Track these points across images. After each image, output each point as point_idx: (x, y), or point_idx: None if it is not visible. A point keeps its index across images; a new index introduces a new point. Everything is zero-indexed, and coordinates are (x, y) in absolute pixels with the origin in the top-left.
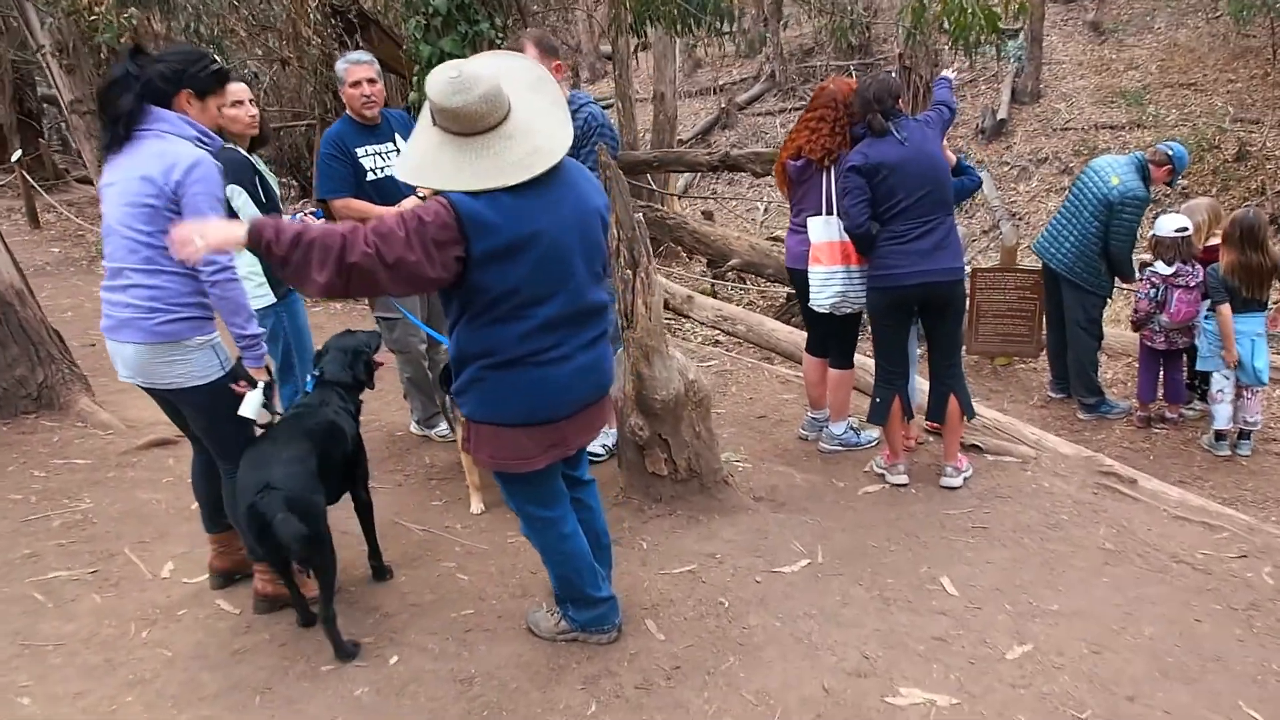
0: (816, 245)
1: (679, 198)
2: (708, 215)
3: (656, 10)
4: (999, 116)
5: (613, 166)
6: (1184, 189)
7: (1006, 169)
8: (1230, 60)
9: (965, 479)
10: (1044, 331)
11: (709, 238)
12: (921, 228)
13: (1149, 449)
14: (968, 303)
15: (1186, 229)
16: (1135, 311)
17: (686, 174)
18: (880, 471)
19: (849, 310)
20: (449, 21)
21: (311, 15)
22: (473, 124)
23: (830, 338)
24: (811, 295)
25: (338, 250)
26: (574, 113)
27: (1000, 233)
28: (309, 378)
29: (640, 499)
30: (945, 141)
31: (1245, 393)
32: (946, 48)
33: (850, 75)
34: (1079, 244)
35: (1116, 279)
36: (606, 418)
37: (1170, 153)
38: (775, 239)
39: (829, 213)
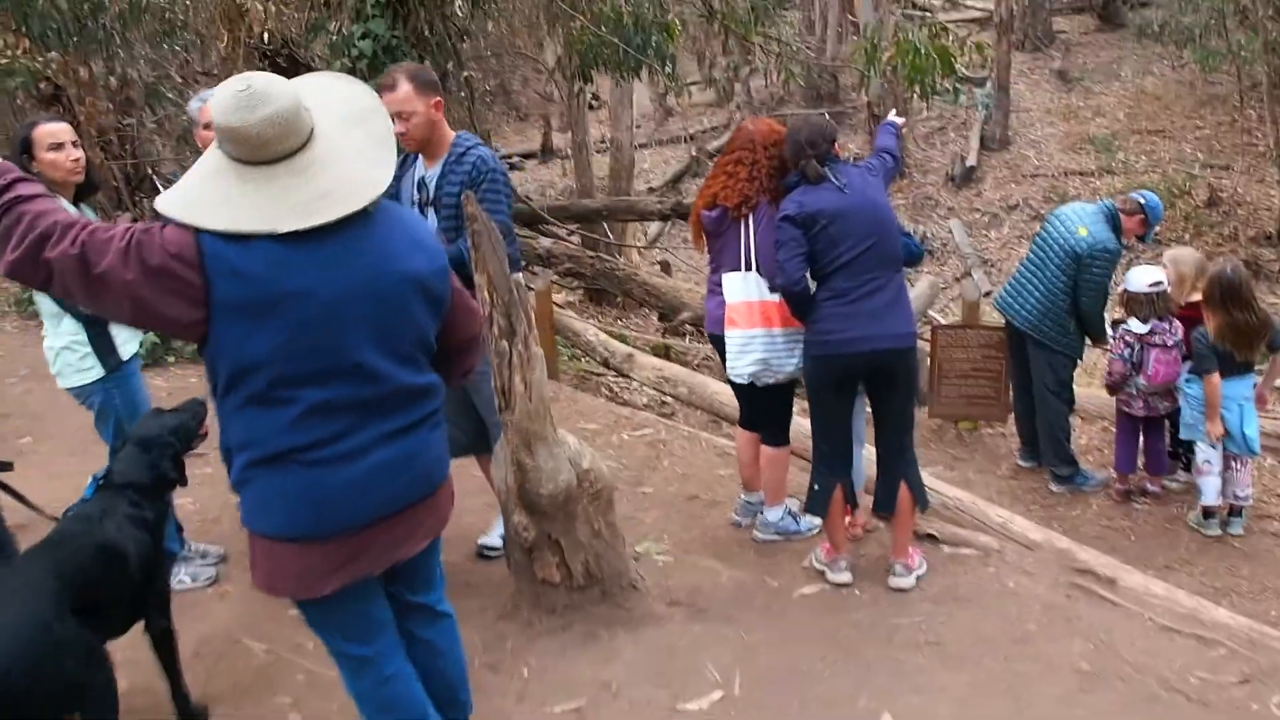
0: (733, 305)
1: (644, 249)
2: (664, 267)
3: (601, 56)
4: (968, 164)
5: (481, 219)
6: (1157, 235)
7: (977, 216)
8: (1197, 107)
9: (918, 578)
10: (1011, 393)
11: (659, 290)
12: (867, 286)
13: (1130, 528)
14: (929, 362)
15: (1161, 282)
16: (1109, 374)
17: (657, 224)
18: (820, 568)
19: (771, 381)
20: (375, 65)
21: (242, 60)
22: (254, 150)
23: (761, 411)
24: (728, 363)
25: (40, 234)
26: (461, 156)
27: (973, 280)
28: (90, 481)
29: (529, 610)
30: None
31: (1234, 463)
32: (914, 95)
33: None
34: (1045, 300)
35: (1087, 339)
36: (441, 521)
37: (1143, 201)
38: None
39: (748, 268)
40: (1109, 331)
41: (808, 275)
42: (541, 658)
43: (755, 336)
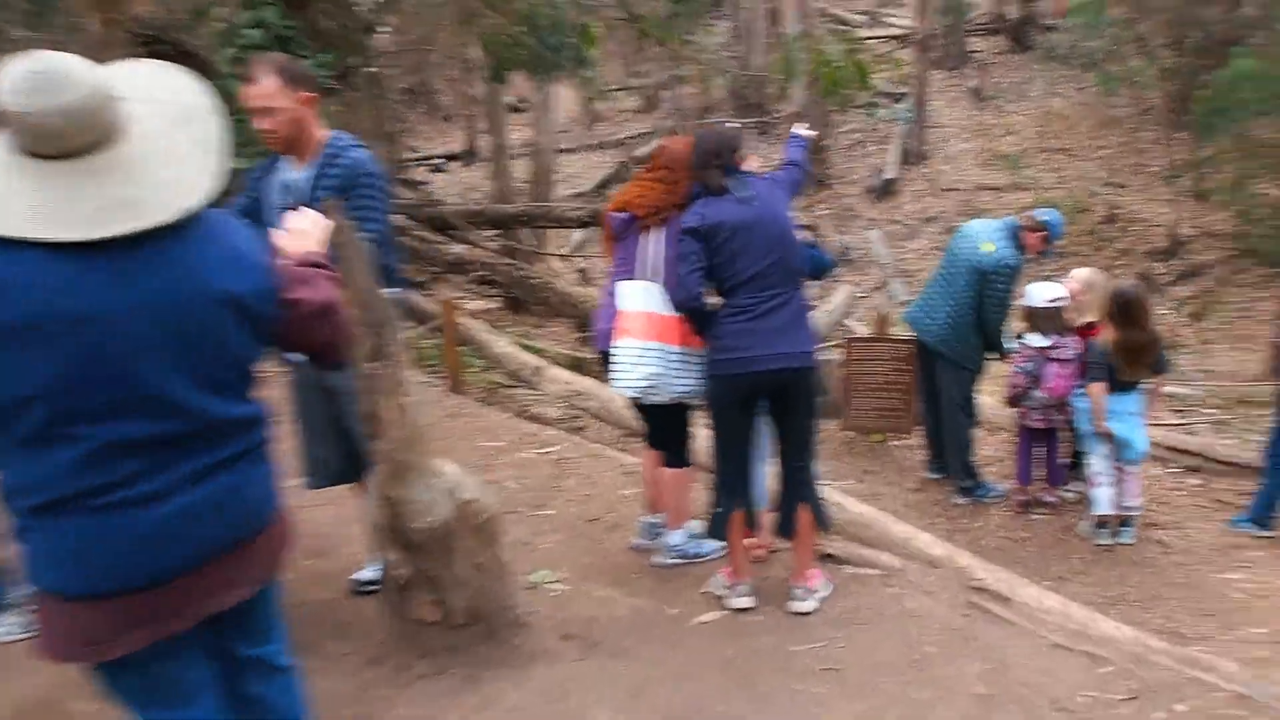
0: (628, 315)
1: (565, 257)
2: (584, 274)
3: (516, 57)
4: (888, 177)
5: (346, 230)
6: (1061, 248)
7: (896, 227)
8: (1099, 128)
9: (820, 600)
10: (919, 406)
11: (576, 299)
12: (769, 302)
13: (1029, 538)
14: (843, 374)
15: (1060, 298)
16: (1010, 387)
17: (581, 231)
18: (721, 593)
19: (659, 399)
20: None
21: (123, 46)
22: (43, 142)
23: (661, 430)
24: (616, 374)
25: None
26: (334, 159)
27: (890, 292)
28: None
29: (403, 654)
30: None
31: (1123, 474)
32: (836, 107)
33: (750, 136)
34: (953, 315)
35: (990, 352)
36: (272, 566)
37: (1044, 219)
38: None
39: (648, 279)
40: (1013, 345)
41: (705, 290)
42: (413, 707)
43: (650, 350)
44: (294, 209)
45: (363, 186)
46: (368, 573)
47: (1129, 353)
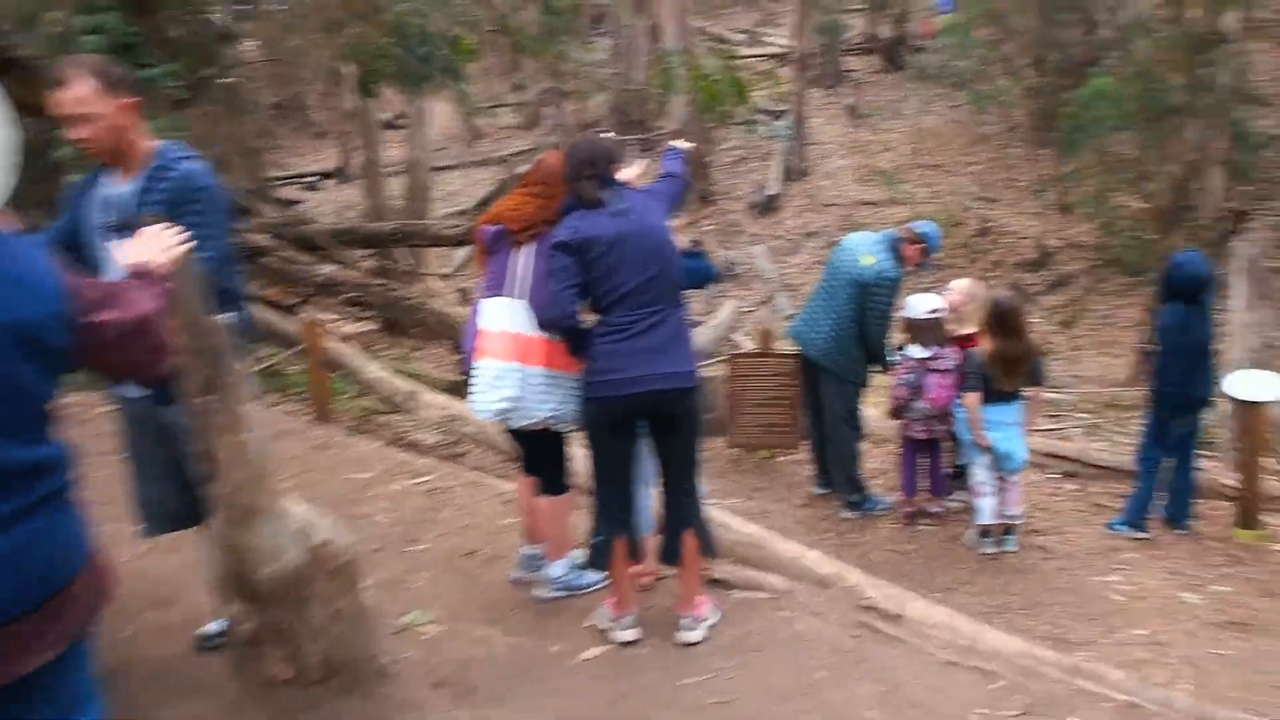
0: (490, 334)
1: (445, 276)
2: (465, 294)
3: (383, 68)
4: (770, 192)
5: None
6: (938, 260)
7: (780, 242)
8: (970, 144)
9: (709, 628)
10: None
11: (454, 320)
12: (647, 319)
13: (916, 550)
14: (728, 391)
15: (939, 309)
16: (893, 399)
17: (464, 250)
18: (605, 626)
19: (523, 424)
20: None
21: None
22: None
23: (535, 454)
24: (475, 395)
25: None
26: (163, 172)
27: (775, 306)
28: None
29: (255, 716)
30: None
31: (1004, 483)
32: (718, 123)
33: (633, 152)
34: (835, 329)
35: (874, 365)
36: (76, 625)
37: (922, 231)
38: None
39: (515, 297)
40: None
41: (579, 308)
42: None
43: (510, 371)
44: (118, 228)
45: (196, 202)
46: (214, 626)
47: (1005, 363)
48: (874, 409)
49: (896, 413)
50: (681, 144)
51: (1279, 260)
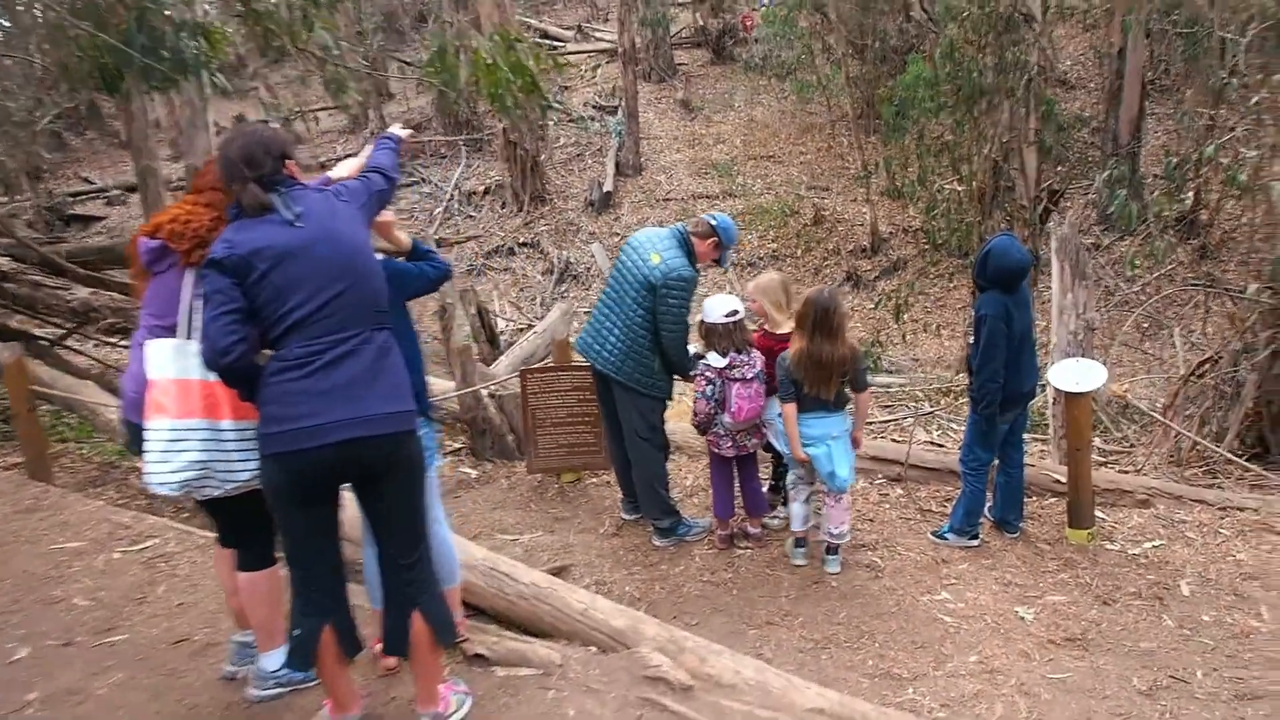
0: (159, 384)
1: None
2: None
3: (127, 61)
4: (606, 189)
5: None
6: (773, 253)
7: (617, 240)
8: (800, 135)
9: None
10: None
11: None
12: (332, 350)
13: (732, 579)
14: (525, 409)
15: (738, 312)
16: (695, 414)
17: None
18: None
19: (217, 493)
20: None
21: None
22: None
23: (228, 522)
24: (148, 467)
25: None
26: None
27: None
28: None
29: None
30: (391, 221)
31: (828, 500)
32: (553, 122)
33: (461, 152)
34: (626, 338)
35: (675, 376)
36: None
37: (714, 223)
38: None
39: (187, 335)
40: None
41: (245, 341)
42: None
43: (193, 430)
44: None
45: None
46: None
47: (820, 368)
48: (683, 420)
49: (701, 428)
50: (399, 130)
51: (1094, 239)
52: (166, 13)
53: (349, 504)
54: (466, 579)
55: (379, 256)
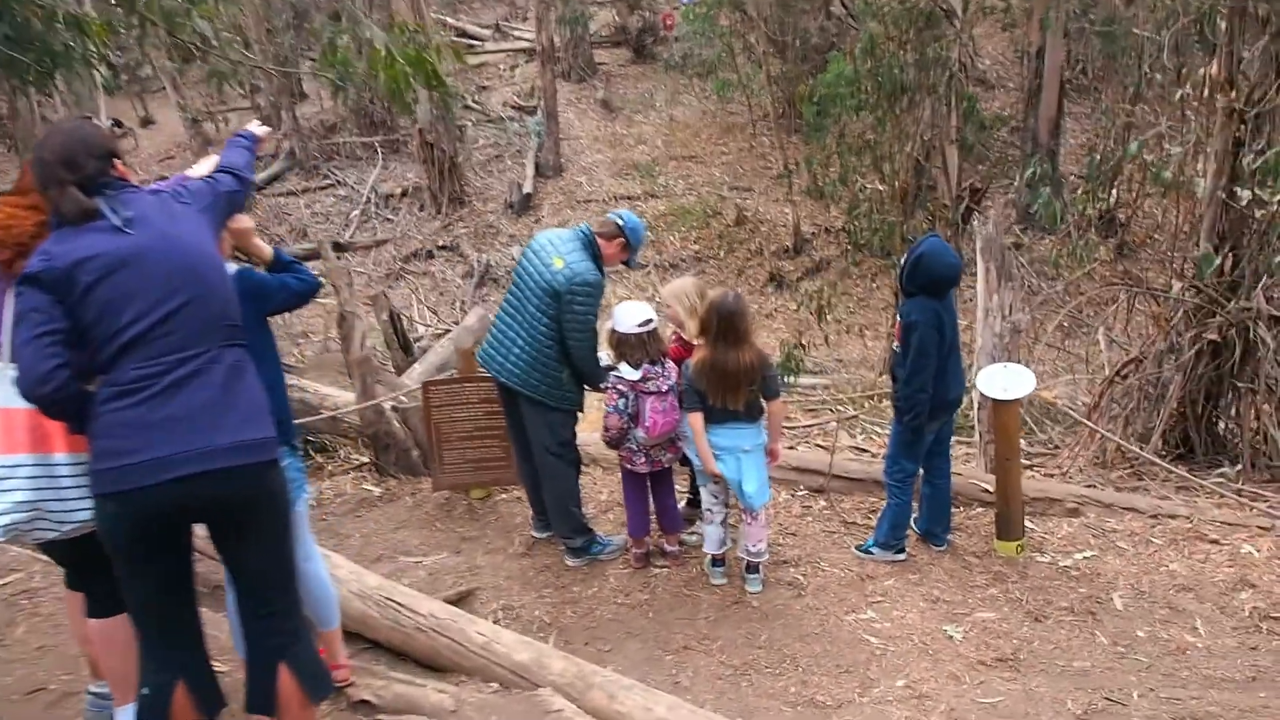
0: None
1: None
2: None
3: None
4: (525, 191)
5: None
6: (697, 254)
7: None
8: (721, 134)
9: None
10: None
11: None
12: (175, 371)
13: (648, 600)
14: (429, 423)
15: (652, 320)
16: (606, 430)
17: None
18: None
19: (52, 536)
20: None
21: None
22: None
23: (76, 566)
24: None
25: None
26: None
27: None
28: None
29: None
30: (248, 227)
31: (745, 517)
32: (471, 123)
33: (377, 153)
34: (530, 349)
35: (586, 387)
36: None
37: (621, 223)
38: None
39: (10, 358)
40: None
41: (67, 366)
42: None
43: (19, 466)
44: None
45: None
46: None
47: (725, 377)
48: (595, 431)
49: (613, 444)
50: (255, 128)
51: (1015, 238)
52: (38, 3)
53: None
54: (360, 610)
55: (232, 267)
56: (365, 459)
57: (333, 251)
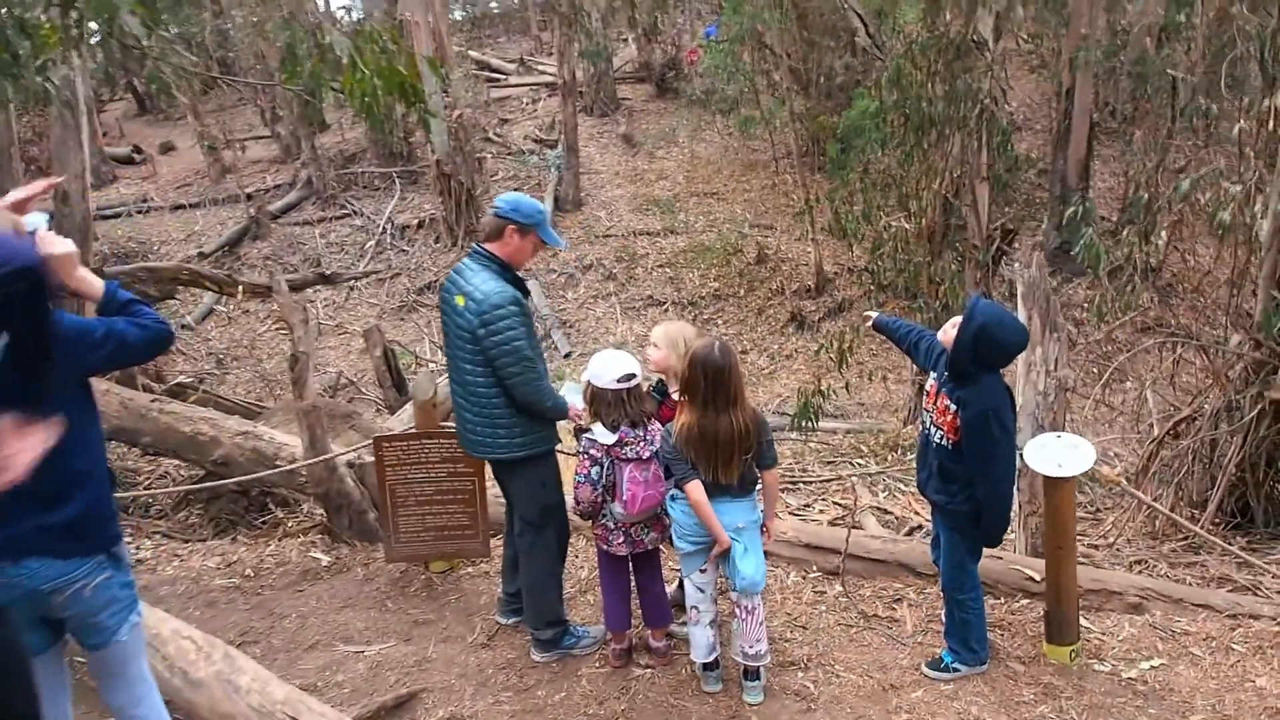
0: None
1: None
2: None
3: None
4: None
5: None
6: (717, 291)
7: (554, 276)
8: (743, 171)
9: None
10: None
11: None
12: None
13: (626, 711)
14: (381, 484)
15: (635, 375)
16: (577, 502)
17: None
18: None
19: None
20: None
21: None
22: None
23: None
24: None
25: None
26: None
27: (555, 343)
28: None
29: None
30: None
31: (739, 609)
32: (491, 156)
33: (395, 184)
34: (475, 407)
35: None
36: None
37: (498, 210)
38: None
39: None
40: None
41: None
42: None
43: None
44: None
45: None
46: None
47: (718, 447)
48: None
49: (585, 517)
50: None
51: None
52: None
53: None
54: None
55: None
56: (316, 520)
57: (323, 282)
